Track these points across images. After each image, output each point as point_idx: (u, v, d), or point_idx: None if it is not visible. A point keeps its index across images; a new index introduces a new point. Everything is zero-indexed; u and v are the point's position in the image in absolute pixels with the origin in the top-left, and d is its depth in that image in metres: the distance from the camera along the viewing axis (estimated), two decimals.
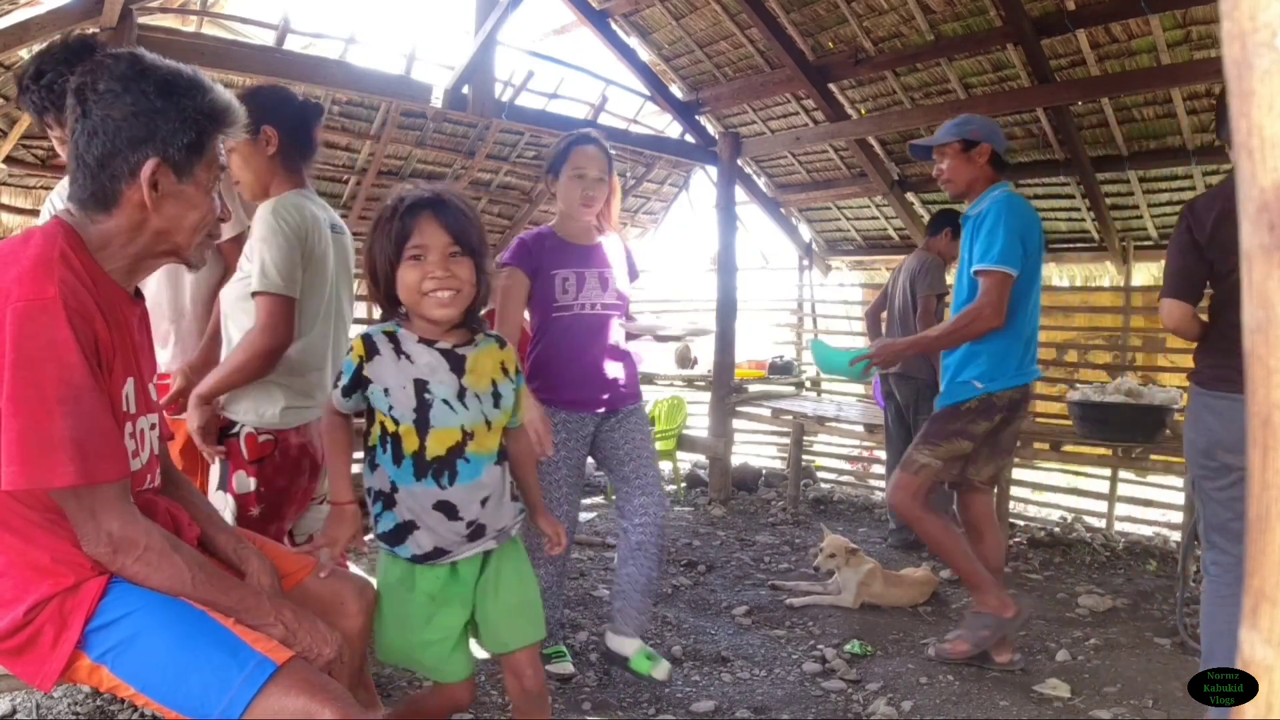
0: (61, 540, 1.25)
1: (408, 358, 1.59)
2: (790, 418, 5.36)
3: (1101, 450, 4.30)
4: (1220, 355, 2.21)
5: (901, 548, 4.36)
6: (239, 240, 2.32)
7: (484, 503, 1.63)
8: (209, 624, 1.24)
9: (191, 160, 1.30)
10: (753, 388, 5.95)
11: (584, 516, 4.94)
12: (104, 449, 1.20)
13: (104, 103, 1.24)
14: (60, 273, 1.19)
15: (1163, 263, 5.17)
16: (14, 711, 2.32)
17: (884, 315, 4.59)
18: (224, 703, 1.16)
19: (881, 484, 6.13)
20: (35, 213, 4.40)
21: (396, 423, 1.56)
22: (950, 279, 3.71)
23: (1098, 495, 5.03)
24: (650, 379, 6.56)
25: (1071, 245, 5.29)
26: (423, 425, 1.57)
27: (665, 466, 5.81)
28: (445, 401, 1.58)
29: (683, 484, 5.75)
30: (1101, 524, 4.90)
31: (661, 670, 2.57)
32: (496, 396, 1.65)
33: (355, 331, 1.79)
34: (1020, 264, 2.60)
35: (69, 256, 1.23)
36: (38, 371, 1.15)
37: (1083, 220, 5.16)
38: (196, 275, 2.33)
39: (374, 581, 1.70)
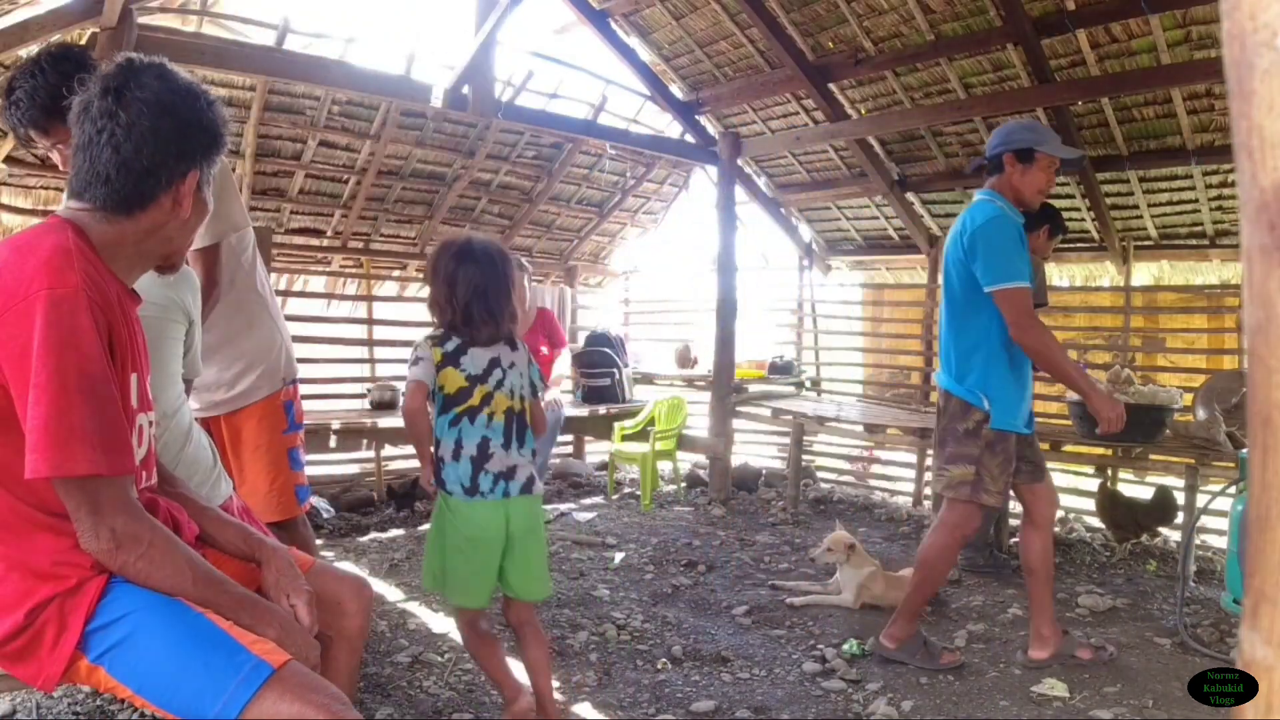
0: (62, 542, 1.24)
1: None
2: (790, 418, 5.36)
3: (1101, 450, 4.30)
4: None
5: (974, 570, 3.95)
6: (206, 252, 2.30)
7: None
8: (206, 626, 1.23)
9: (210, 174, 1.38)
10: (753, 388, 5.95)
11: (584, 516, 4.95)
12: (120, 442, 1.21)
13: (154, 113, 1.27)
14: (79, 263, 1.21)
15: (1163, 263, 5.21)
16: (14, 712, 2.32)
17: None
18: (219, 705, 1.15)
19: (883, 484, 6.13)
20: (35, 213, 4.40)
21: None
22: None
23: None
24: (650, 379, 6.56)
25: (1072, 245, 5.29)
26: None
27: (665, 466, 5.81)
28: None
29: (683, 484, 5.75)
30: (1102, 524, 4.89)
31: None
32: None
33: None
34: None
35: (82, 249, 1.24)
36: (63, 360, 1.15)
37: (1083, 220, 5.16)
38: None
39: (370, 581, 1.70)
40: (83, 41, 3.41)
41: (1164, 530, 4.35)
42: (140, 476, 1.39)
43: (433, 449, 2.19)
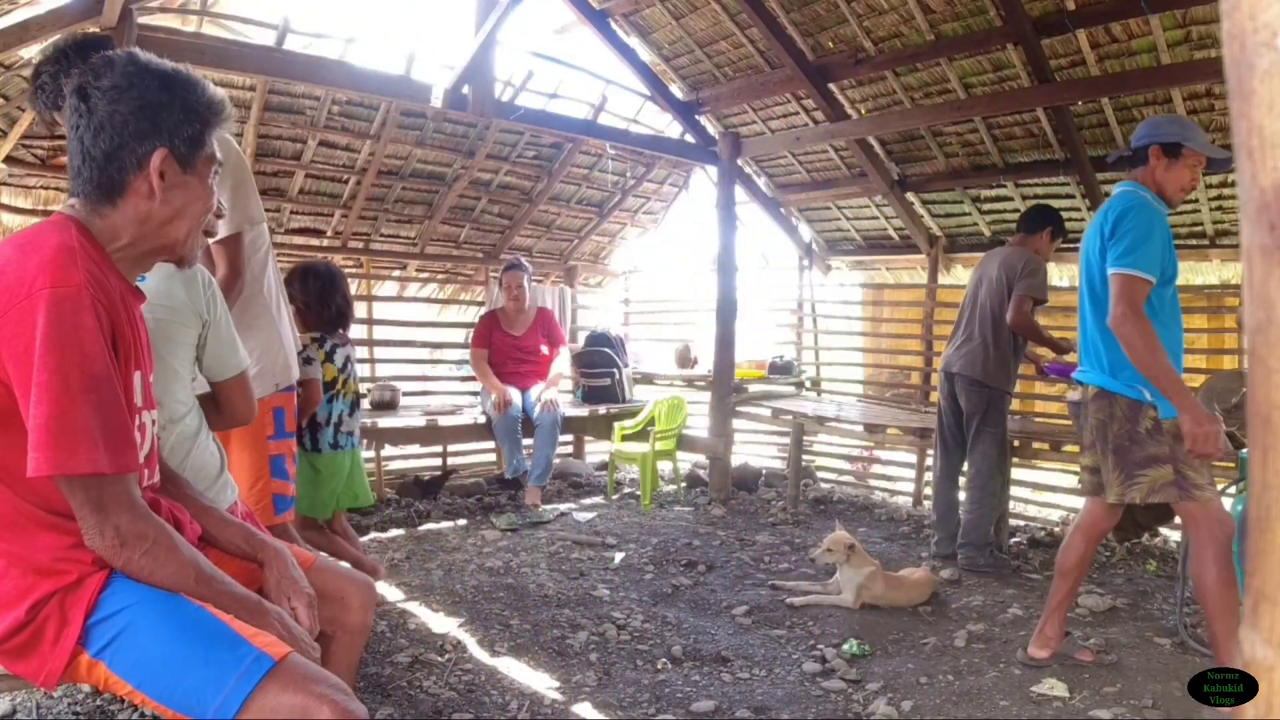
0: (64, 540, 1.24)
1: None
2: (790, 418, 5.36)
3: None
4: None
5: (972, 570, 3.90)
6: (228, 243, 2.30)
7: None
8: (207, 618, 1.23)
9: (193, 153, 1.35)
10: (753, 388, 5.95)
11: (584, 516, 4.95)
12: (123, 440, 1.21)
13: (109, 99, 1.28)
14: (82, 261, 1.21)
15: None
16: (14, 712, 2.32)
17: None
18: (220, 699, 1.15)
19: (883, 484, 6.13)
20: (35, 213, 4.40)
21: None
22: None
23: None
24: (650, 379, 6.56)
25: (1072, 245, 5.28)
26: None
27: (665, 466, 5.81)
28: None
29: (683, 484, 5.75)
30: None
31: None
32: None
33: None
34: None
35: (85, 247, 1.24)
36: (66, 358, 1.16)
37: (1083, 220, 5.16)
38: None
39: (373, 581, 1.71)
40: None
41: (1164, 530, 4.36)
42: (142, 474, 1.39)
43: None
